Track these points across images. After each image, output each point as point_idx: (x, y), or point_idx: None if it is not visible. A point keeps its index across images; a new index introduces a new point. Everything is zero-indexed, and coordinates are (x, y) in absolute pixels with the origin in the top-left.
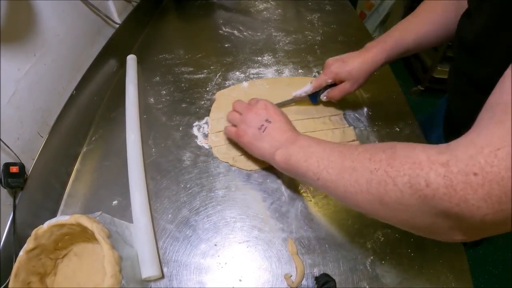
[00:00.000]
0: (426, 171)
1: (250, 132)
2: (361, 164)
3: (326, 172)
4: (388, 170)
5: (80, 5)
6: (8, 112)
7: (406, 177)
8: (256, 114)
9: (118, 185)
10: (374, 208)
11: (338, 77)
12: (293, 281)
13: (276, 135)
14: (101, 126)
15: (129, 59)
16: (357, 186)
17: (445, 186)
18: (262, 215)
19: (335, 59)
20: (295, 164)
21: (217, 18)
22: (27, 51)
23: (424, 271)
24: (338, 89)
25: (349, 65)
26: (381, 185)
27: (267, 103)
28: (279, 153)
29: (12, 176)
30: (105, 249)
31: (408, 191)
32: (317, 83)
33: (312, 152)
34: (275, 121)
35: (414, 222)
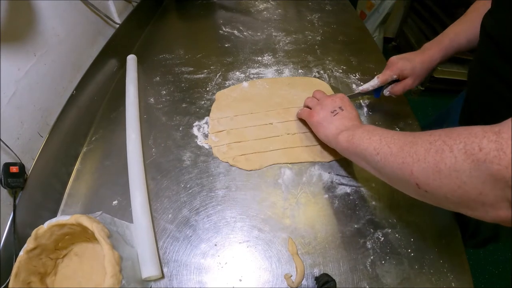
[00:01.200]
0: (480, 138)
1: (322, 113)
2: (422, 138)
3: (387, 146)
4: (446, 140)
5: (80, 5)
6: (8, 112)
7: (462, 144)
8: (332, 101)
9: (119, 185)
10: (428, 176)
11: (403, 74)
12: (293, 281)
13: (345, 121)
14: (102, 126)
15: (129, 59)
16: (415, 156)
17: (496, 149)
18: (262, 215)
19: (399, 57)
20: (357, 141)
21: (217, 18)
22: (27, 51)
23: (425, 271)
24: (401, 84)
25: (413, 62)
26: (438, 153)
27: (344, 96)
28: (344, 133)
29: (12, 176)
30: (106, 249)
31: (462, 156)
32: (384, 78)
33: (376, 133)
34: (347, 111)
35: (464, 191)
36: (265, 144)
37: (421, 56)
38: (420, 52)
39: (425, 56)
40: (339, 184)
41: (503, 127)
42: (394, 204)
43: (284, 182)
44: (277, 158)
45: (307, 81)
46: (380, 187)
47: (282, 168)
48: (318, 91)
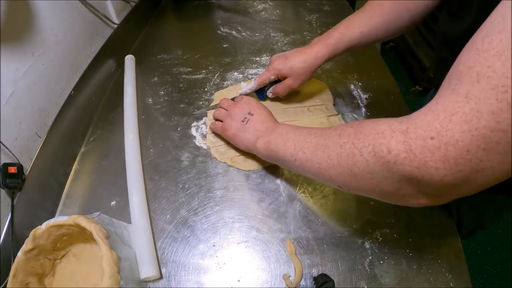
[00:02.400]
0: (388, 139)
1: (234, 125)
2: (332, 140)
3: (302, 152)
4: (355, 142)
5: (78, 5)
6: (6, 113)
7: (370, 147)
8: (240, 109)
9: (117, 186)
10: (345, 179)
11: (281, 74)
12: (291, 281)
13: (257, 126)
14: (100, 127)
15: (127, 59)
16: (329, 161)
17: (405, 151)
18: (260, 215)
19: (278, 56)
20: (275, 148)
21: (215, 19)
22: (25, 51)
23: (423, 271)
24: (282, 85)
25: (291, 61)
26: (349, 157)
27: (250, 98)
28: (260, 140)
29: (10, 176)
30: (104, 249)
31: (373, 159)
32: (261, 79)
33: (289, 137)
34: (257, 114)
35: (381, 189)
36: None
37: (303, 54)
38: (304, 49)
39: (307, 54)
40: None
41: (410, 124)
42: (392, 204)
43: (282, 182)
44: None
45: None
46: None
47: (280, 168)
48: (223, 100)
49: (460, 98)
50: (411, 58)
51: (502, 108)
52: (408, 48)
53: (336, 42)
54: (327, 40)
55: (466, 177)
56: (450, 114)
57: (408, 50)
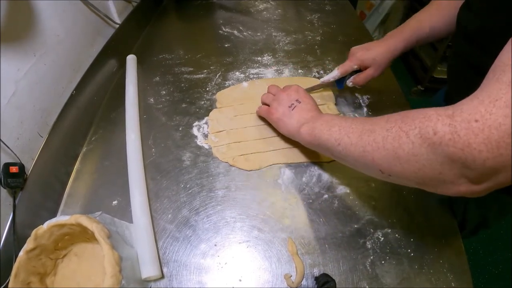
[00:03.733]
0: (434, 122)
1: (280, 109)
2: (379, 125)
3: (347, 137)
4: (401, 126)
5: (80, 5)
6: (8, 112)
7: (417, 129)
8: (287, 95)
9: (118, 185)
10: (389, 163)
11: (363, 64)
12: (293, 281)
13: (303, 113)
14: (101, 126)
15: (129, 59)
16: (374, 144)
17: (450, 133)
18: (262, 215)
19: (359, 47)
20: (319, 134)
21: (217, 18)
22: (27, 51)
23: (424, 271)
24: (363, 74)
25: (373, 52)
26: (395, 140)
27: (298, 87)
28: (305, 127)
29: (12, 176)
30: (105, 249)
31: (419, 141)
32: (344, 69)
33: (335, 123)
34: (304, 102)
35: (424, 173)
36: (264, 144)
37: (382, 46)
38: (382, 42)
39: (386, 45)
40: (339, 184)
41: (456, 109)
42: (393, 204)
43: (284, 182)
44: (276, 158)
45: (306, 81)
46: (380, 187)
47: (282, 168)
48: (272, 86)
49: (503, 86)
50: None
51: None
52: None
53: (409, 37)
54: (402, 34)
55: (506, 161)
56: (494, 100)
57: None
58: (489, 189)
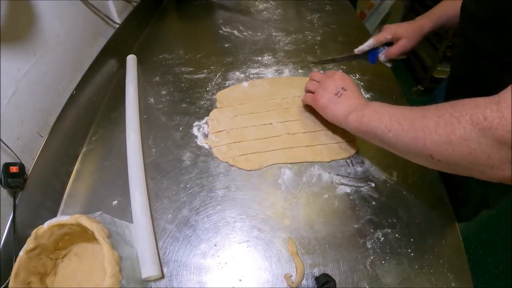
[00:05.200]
0: (483, 109)
1: (326, 96)
2: (430, 112)
3: (398, 123)
4: (452, 112)
5: (80, 5)
6: (8, 112)
7: (468, 116)
8: (333, 82)
9: (118, 185)
10: (441, 147)
11: (397, 34)
12: (293, 281)
13: (351, 100)
14: (101, 126)
15: (129, 59)
16: (426, 130)
17: (498, 117)
18: (262, 215)
19: (391, 25)
20: (367, 121)
21: (217, 18)
22: (27, 51)
23: (424, 271)
24: (397, 45)
25: (405, 27)
26: (447, 126)
27: (344, 74)
28: (353, 114)
29: (12, 176)
30: (105, 249)
31: (470, 126)
32: (379, 38)
33: (385, 111)
34: (350, 90)
35: (474, 156)
36: (265, 144)
37: (413, 23)
38: (413, 21)
39: (417, 23)
40: (339, 184)
41: (501, 97)
42: (394, 204)
43: (284, 182)
44: (277, 158)
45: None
46: (380, 187)
47: (282, 168)
48: (315, 72)
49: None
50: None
51: None
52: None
53: (437, 18)
54: (431, 16)
55: None
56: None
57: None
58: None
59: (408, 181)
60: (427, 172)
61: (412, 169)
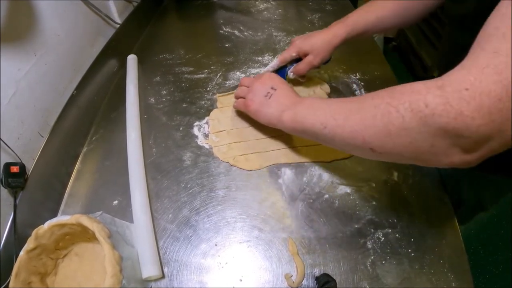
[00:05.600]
0: (424, 95)
1: (257, 100)
2: (365, 103)
3: (333, 119)
4: (390, 101)
5: (80, 5)
6: (8, 112)
7: (407, 103)
8: (262, 84)
9: (119, 185)
10: (380, 139)
11: (302, 51)
12: (293, 281)
13: (282, 100)
14: (102, 126)
15: (129, 59)
16: (363, 123)
17: (442, 104)
18: (262, 215)
19: (300, 36)
20: (302, 119)
21: (217, 18)
22: (27, 51)
23: (425, 271)
24: (303, 62)
25: (312, 39)
26: (385, 116)
27: (271, 74)
28: (286, 113)
29: (12, 176)
30: (106, 249)
31: (409, 114)
32: (282, 57)
33: (319, 107)
34: (280, 88)
35: (416, 146)
36: (265, 144)
37: (322, 33)
38: (324, 30)
39: (326, 33)
40: (339, 184)
41: (445, 80)
42: (394, 204)
43: (285, 182)
44: (277, 158)
45: (307, 81)
46: (380, 187)
47: (282, 168)
48: (244, 78)
49: (490, 54)
50: (414, 57)
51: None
52: (411, 48)
53: (353, 24)
54: (345, 21)
55: (498, 127)
56: (482, 68)
57: (411, 49)
58: (482, 158)
59: (409, 181)
60: (427, 173)
61: (413, 169)
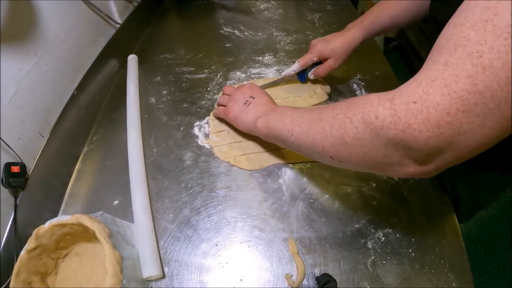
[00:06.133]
0: (375, 107)
1: (236, 107)
2: (326, 113)
3: (299, 127)
4: (346, 112)
5: (81, 5)
6: (9, 112)
7: (360, 115)
8: (242, 93)
9: (119, 185)
10: (337, 149)
11: (323, 55)
12: (294, 281)
13: (258, 107)
14: (102, 126)
15: (130, 59)
16: (322, 132)
17: (390, 116)
18: (263, 215)
19: (319, 39)
20: (273, 126)
21: (218, 18)
22: (28, 51)
23: (425, 271)
24: (323, 66)
25: (332, 43)
26: (341, 126)
27: (252, 84)
28: (260, 120)
29: (13, 175)
30: (106, 249)
31: (362, 126)
32: (304, 61)
33: (288, 114)
34: (258, 97)
35: (371, 157)
36: (266, 144)
37: (341, 37)
38: (342, 33)
39: (345, 36)
40: (340, 184)
41: (396, 92)
42: (394, 204)
43: (285, 182)
44: (278, 158)
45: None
46: (381, 187)
47: (283, 168)
48: (227, 86)
49: (440, 67)
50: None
51: (478, 71)
52: (411, 48)
53: (370, 26)
54: (362, 23)
55: (448, 140)
56: (431, 81)
57: (411, 49)
58: (439, 169)
59: (409, 181)
60: None
61: None
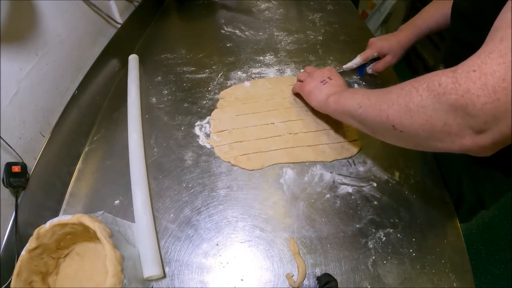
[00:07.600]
0: (439, 77)
1: (313, 83)
2: (395, 87)
3: (368, 99)
4: (413, 83)
5: (82, 5)
6: (10, 112)
7: (425, 84)
8: (321, 72)
9: (120, 185)
10: (400, 117)
11: (382, 51)
12: (294, 281)
13: (333, 87)
14: (103, 126)
15: (131, 59)
16: (389, 102)
17: (452, 83)
18: (264, 214)
19: (377, 38)
20: (343, 101)
21: (219, 18)
22: (29, 51)
23: (426, 271)
24: (382, 61)
25: (390, 41)
26: (407, 95)
27: (332, 68)
28: (332, 97)
29: (14, 175)
30: (107, 248)
31: (426, 93)
32: (365, 56)
33: (359, 91)
34: (335, 80)
35: (431, 124)
36: (266, 143)
37: (397, 36)
38: (397, 33)
39: (401, 36)
40: (340, 184)
41: (458, 67)
42: (395, 204)
43: (286, 182)
44: (278, 158)
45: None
46: (382, 187)
47: (284, 167)
48: (308, 66)
49: (496, 42)
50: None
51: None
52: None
53: (420, 29)
54: (414, 27)
55: (504, 107)
56: (488, 53)
57: (413, 49)
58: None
59: (410, 181)
60: (429, 172)
61: (414, 169)
